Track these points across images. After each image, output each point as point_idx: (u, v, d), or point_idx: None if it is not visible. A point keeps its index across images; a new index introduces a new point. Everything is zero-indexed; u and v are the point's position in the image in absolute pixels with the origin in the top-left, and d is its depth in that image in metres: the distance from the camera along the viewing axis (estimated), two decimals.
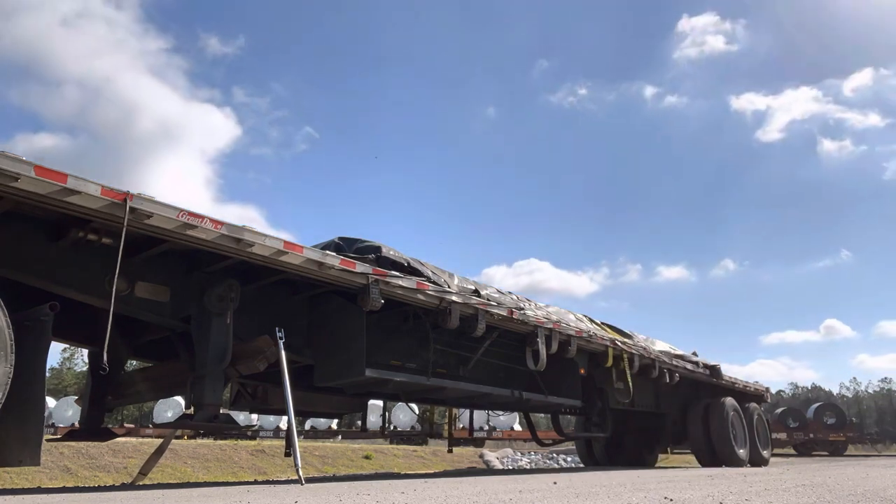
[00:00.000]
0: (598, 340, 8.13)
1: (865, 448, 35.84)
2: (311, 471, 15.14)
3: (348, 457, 18.24)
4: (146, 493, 4.07)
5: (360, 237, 6.08)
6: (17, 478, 10.43)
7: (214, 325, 4.80)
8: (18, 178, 3.35)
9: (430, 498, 3.38)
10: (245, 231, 4.43)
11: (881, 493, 3.91)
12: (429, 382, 6.17)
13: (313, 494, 3.62)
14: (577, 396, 8.16)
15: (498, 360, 7.29)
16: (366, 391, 7.15)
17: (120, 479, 11.92)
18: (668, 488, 4.17)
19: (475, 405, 9.09)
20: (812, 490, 4.12)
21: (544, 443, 11.32)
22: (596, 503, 3.24)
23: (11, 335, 3.38)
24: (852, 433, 34.92)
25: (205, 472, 13.84)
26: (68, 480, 11.45)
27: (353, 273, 5.19)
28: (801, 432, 33.70)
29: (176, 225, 4.06)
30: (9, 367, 3.34)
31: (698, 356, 11.04)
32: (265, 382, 6.45)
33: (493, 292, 6.94)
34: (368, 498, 3.35)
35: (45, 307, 3.66)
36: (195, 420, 4.81)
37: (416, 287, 5.71)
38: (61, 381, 62.42)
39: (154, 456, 6.45)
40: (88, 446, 12.92)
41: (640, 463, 11.56)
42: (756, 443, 11.56)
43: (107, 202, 3.72)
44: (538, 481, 5.11)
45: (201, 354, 4.79)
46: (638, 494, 3.67)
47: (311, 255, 4.89)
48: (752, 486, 4.36)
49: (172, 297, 4.85)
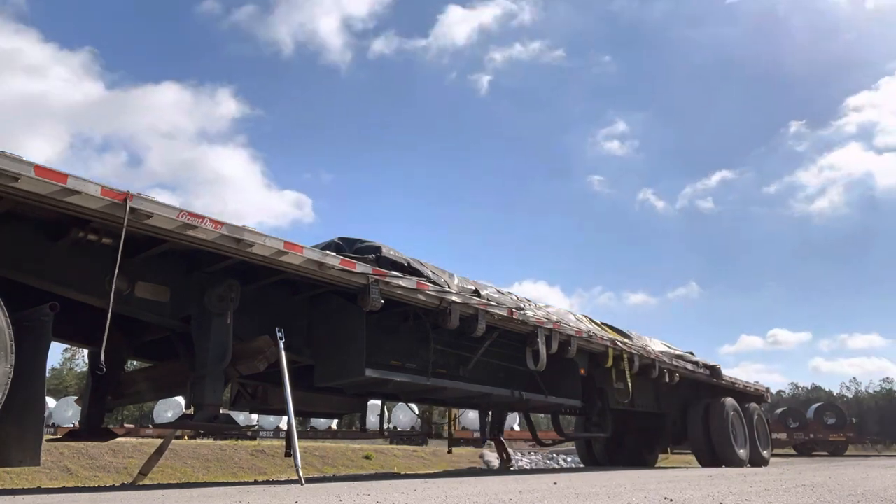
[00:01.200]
0: (598, 340, 8.13)
1: (865, 448, 35.86)
2: (311, 471, 15.12)
3: (348, 457, 18.22)
4: (146, 493, 4.07)
5: (360, 237, 6.09)
6: (17, 478, 10.42)
7: (214, 325, 4.80)
8: (18, 178, 3.35)
9: (430, 498, 3.38)
10: (245, 231, 4.43)
11: (881, 494, 3.90)
12: (429, 383, 6.17)
13: (313, 494, 3.61)
14: (577, 396, 8.16)
15: (498, 360, 7.29)
16: (366, 391, 7.15)
17: (120, 479, 11.91)
18: (669, 488, 4.17)
19: (475, 405, 9.10)
20: (812, 490, 4.12)
21: (544, 443, 11.34)
22: (596, 503, 3.24)
23: (11, 335, 3.38)
24: (852, 433, 34.97)
25: (205, 473, 13.83)
26: (68, 480, 11.44)
27: (354, 273, 5.19)
28: (801, 432, 33.75)
29: (176, 225, 4.06)
30: (9, 367, 3.34)
31: (695, 356, 11.04)
32: (265, 382, 6.45)
33: (493, 292, 6.94)
34: (368, 498, 3.35)
35: (45, 307, 3.66)
36: (195, 420, 4.81)
37: (416, 287, 5.71)
38: (61, 381, 62.39)
39: (154, 456, 6.45)
40: (88, 446, 12.91)
41: (640, 463, 11.56)
42: (756, 443, 11.56)
43: (107, 202, 3.72)
44: (538, 481, 5.11)
45: (201, 354, 4.79)
46: (638, 495, 3.66)
47: (312, 256, 4.89)
48: (753, 487, 4.36)
49: (172, 297, 4.85)
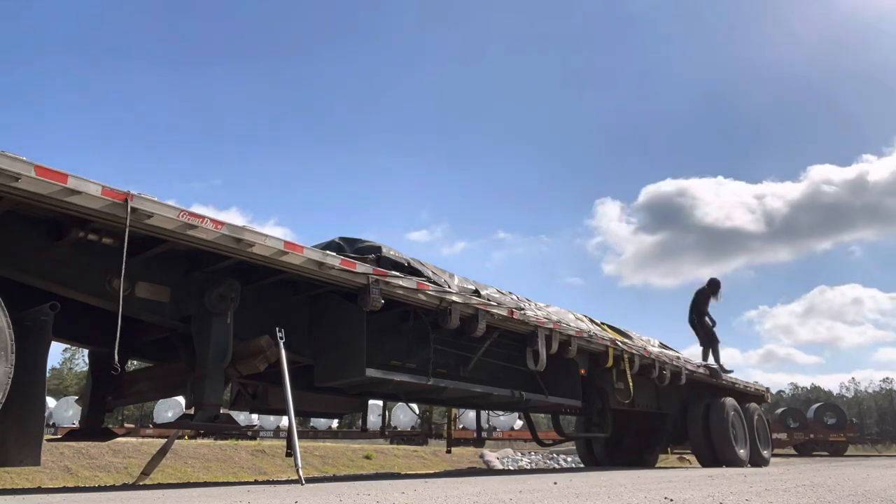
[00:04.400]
0: (599, 340, 8.13)
1: (866, 448, 35.82)
2: (311, 471, 15.12)
3: (348, 457, 18.22)
4: (146, 493, 4.08)
5: (360, 237, 6.09)
6: (18, 478, 10.42)
7: (215, 325, 4.80)
8: (19, 178, 3.35)
9: (430, 498, 3.38)
10: (245, 231, 4.43)
11: (882, 494, 3.90)
12: (429, 382, 6.17)
13: (313, 494, 3.61)
14: (578, 396, 8.16)
15: (498, 360, 7.29)
16: (366, 391, 7.15)
17: (120, 479, 11.92)
18: (669, 488, 4.17)
19: (475, 405, 9.10)
20: (812, 490, 4.12)
21: (544, 443, 11.33)
22: (596, 503, 3.24)
23: (12, 335, 3.38)
24: (852, 433, 34.95)
25: (205, 472, 13.83)
26: (68, 480, 11.45)
27: (354, 273, 5.19)
28: (801, 432, 33.73)
29: (177, 225, 4.06)
30: (9, 367, 3.34)
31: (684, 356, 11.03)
32: (265, 382, 6.45)
33: (494, 292, 6.94)
34: (369, 498, 3.35)
35: (46, 307, 3.66)
36: (195, 420, 4.81)
37: (416, 287, 5.71)
38: (62, 381, 62.42)
39: (157, 456, 6.45)
40: (89, 446, 12.91)
41: (640, 463, 11.55)
42: (756, 443, 11.55)
43: (108, 202, 3.71)
44: (538, 481, 5.11)
45: (202, 354, 4.79)
46: (638, 495, 3.67)
47: (312, 256, 4.89)
48: (753, 487, 4.36)
49: (173, 297, 4.84)
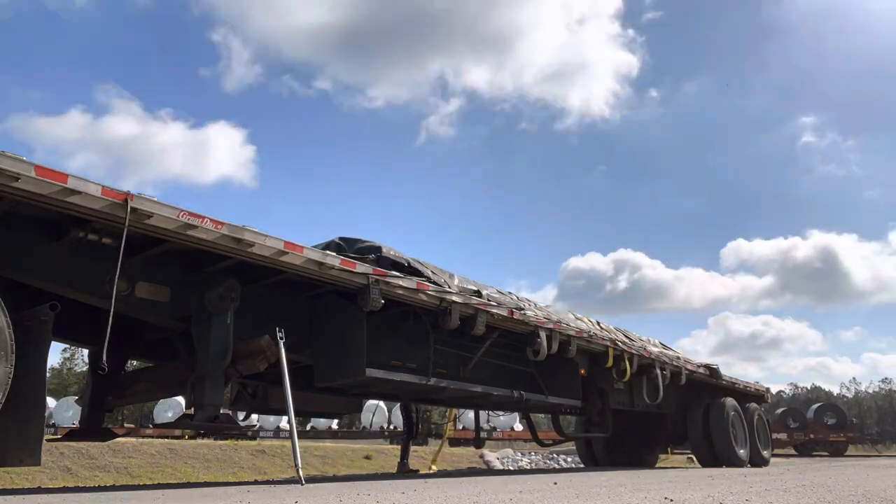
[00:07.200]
0: (599, 341, 8.13)
1: (866, 448, 35.80)
2: (311, 471, 15.11)
3: (348, 457, 18.21)
4: (146, 493, 4.08)
5: (360, 237, 6.09)
6: (18, 478, 10.42)
7: (215, 325, 4.79)
8: (19, 178, 3.35)
9: (430, 498, 3.38)
10: (245, 231, 4.42)
11: (882, 494, 3.90)
12: (429, 382, 6.17)
13: (313, 494, 3.62)
14: (578, 396, 8.16)
15: (498, 360, 7.29)
16: (366, 391, 7.15)
17: (120, 479, 11.92)
18: (669, 488, 4.17)
19: (475, 405, 9.09)
20: (812, 490, 4.11)
21: (544, 443, 11.33)
22: (596, 503, 3.23)
23: (12, 335, 3.38)
24: (853, 433, 34.95)
25: (205, 472, 13.82)
26: (68, 480, 11.44)
27: (354, 273, 5.19)
28: (801, 433, 33.71)
29: (176, 225, 4.06)
30: (9, 367, 3.34)
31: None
32: (265, 382, 6.45)
33: (494, 292, 6.94)
34: (368, 498, 3.35)
35: (46, 307, 3.65)
36: (195, 420, 4.80)
37: (416, 287, 5.70)
38: (62, 381, 62.35)
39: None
40: (89, 446, 12.90)
41: (640, 463, 11.55)
42: (756, 443, 11.55)
43: (107, 202, 3.72)
44: (538, 481, 5.11)
45: (202, 354, 4.78)
46: (638, 495, 3.66)
47: (312, 256, 4.89)
48: (753, 487, 4.36)
49: (173, 297, 4.84)
